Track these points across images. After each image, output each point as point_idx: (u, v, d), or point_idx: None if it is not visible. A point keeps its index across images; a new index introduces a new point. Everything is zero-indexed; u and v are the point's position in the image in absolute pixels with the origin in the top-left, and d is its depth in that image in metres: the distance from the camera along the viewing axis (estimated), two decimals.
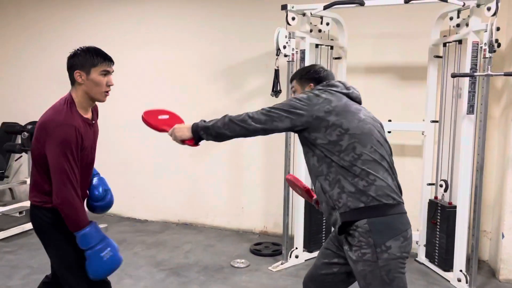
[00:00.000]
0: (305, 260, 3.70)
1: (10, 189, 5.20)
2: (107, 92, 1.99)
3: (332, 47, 3.86)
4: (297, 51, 3.56)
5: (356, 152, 1.73)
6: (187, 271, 3.49)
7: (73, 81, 1.96)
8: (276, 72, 3.54)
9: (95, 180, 2.29)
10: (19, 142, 4.96)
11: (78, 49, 1.96)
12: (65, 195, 1.88)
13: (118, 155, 5.00)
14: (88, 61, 1.91)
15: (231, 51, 4.49)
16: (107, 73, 1.96)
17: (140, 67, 4.85)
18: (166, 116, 2.10)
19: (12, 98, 5.43)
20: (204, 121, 1.92)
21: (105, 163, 5.04)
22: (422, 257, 3.73)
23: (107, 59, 1.96)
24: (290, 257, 3.64)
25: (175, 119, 2.13)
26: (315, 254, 3.77)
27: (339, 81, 1.96)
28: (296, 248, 3.67)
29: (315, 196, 2.14)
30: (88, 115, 2.04)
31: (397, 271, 1.71)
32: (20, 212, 4.52)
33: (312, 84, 1.98)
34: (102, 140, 5.60)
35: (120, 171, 5.01)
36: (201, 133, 1.89)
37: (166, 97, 4.78)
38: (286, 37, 3.44)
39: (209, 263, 3.67)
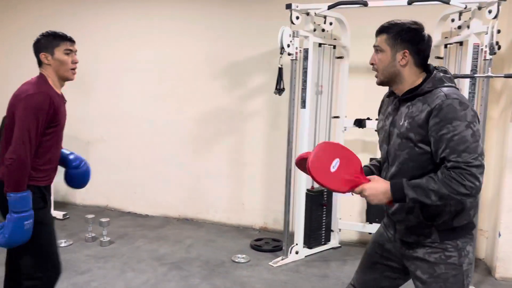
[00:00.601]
0: (305, 256, 3.75)
1: None
2: (73, 69, 2.12)
3: (334, 47, 3.91)
4: (300, 50, 3.60)
5: None
6: (189, 265, 3.54)
7: (40, 63, 2.11)
8: (280, 70, 3.59)
9: (67, 151, 2.32)
10: None
11: (39, 35, 2.12)
12: (22, 153, 1.92)
13: (120, 150, 5.04)
14: (50, 42, 2.07)
15: (235, 49, 4.53)
16: (70, 52, 2.10)
17: (143, 64, 4.87)
18: (337, 162, 1.59)
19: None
20: (410, 183, 1.51)
21: (107, 159, 5.11)
22: None
23: (67, 39, 2.11)
24: (291, 253, 3.69)
25: (349, 163, 1.62)
26: (315, 250, 3.85)
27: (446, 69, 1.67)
28: (297, 244, 3.73)
29: None
30: (60, 91, 2.16)
31: (470, 276, 1.69)
32: None
33: (407, 51, 1.59)
34: (104, 136, 5.67)
35: (122, 166, 5.05)
36: (407, 201, 1.53)
37: (169, 94, 4.82)
38: (290, 36, 3.48)
39: (211, 257, 3.72)
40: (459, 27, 3.46)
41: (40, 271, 2.07)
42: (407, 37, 1.60)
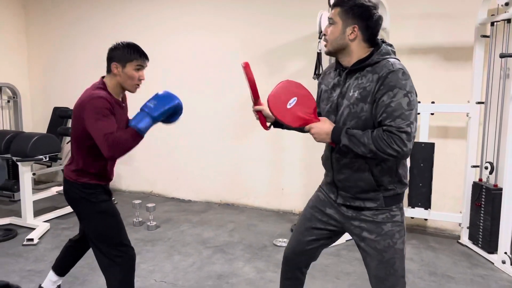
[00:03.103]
0: (346, 240, 3.77)
1: (63, 170, 5.52)
2: (138, 85, 2.19)
3: None
4: None
5: None
6: (232, 249, 3.65)
7: (109, 70, 2.16)
8: (319, 55, 3.57)
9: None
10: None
11: (119, 43, 2.15)
12: (111, 147, 1.96)
13: (163, 139, 5.20)
14: (125, 56, 2.11)
15: (272, 35, 4.53)
16: (140, 68, 2.16)
17: (182, 52, 4.97)
18: (294, 100, 1.74)
19: (63, 84, 5.71)
20: (348, 131, 1.65)
21: (150, 147, 5.28)
22: (465, 239, 3.73)
23: (143, 56, 2.16)
24: None
25: (305, 102, 1.75)
26: None
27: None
28: None
29: (261, 105, 2.01)
30: (119, 98, 2.24)
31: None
32: None
33: (356, 26, 1.67)
34: None
35: (166, 154, 5.21)
36: (341, 146, 1.68)
37: (208, 81, 4.90)
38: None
39: (253, 241, 3.81)
40: (507, 4, 3.31)
41: (117, 255, 2.24)
42: (358, 13, 1.66)
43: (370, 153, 1.61)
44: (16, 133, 4.44)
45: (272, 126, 2.07)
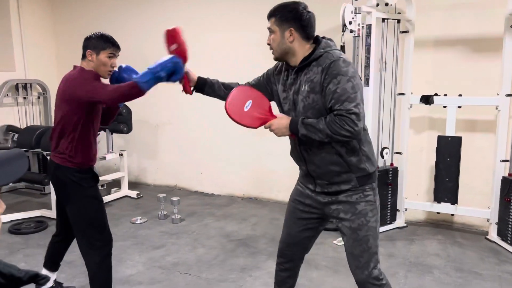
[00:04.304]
0: None
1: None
2: (110, 71, 2.36)
3: (399, 21, 3.77)
4: (363, 26, 3.52)
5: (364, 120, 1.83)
6: (255, 242, 3.67)
7: (83, 57, 2.36)
8: (342, 48, 3.53)
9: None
10: None
11: (94, 34, 2.37)
12: (111, 92, 2.10)
13: (186, 133, 5.26)
14: (100, 45, 2.32)
15: None
16: (112, 56, 2.35)
17: (205, 48, 5.00)
18: (249, 103, 1.89)
19: None
20: (304, 121, 1.79)
21: (174, 141, 5.36)
22: (493, 235, 3.64)
23: (115, 46, 2.37)
24: None
25: (260, 103, 1.90)
26: (381, 229, 3.79)
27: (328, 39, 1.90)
28: None
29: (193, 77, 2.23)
30: None
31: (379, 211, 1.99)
32: (102, 186, 4.92)
33: (292, 29, 1.83)
34: (172, 119, 5.90)
35: (189, 148, 5.27)
36: (300, 135, 1.82)
37: (230, 76, 4.91)
38: (352, 12, 3.41)
39: (276, 235, 3.83)
40: None
41: (99, 239, 2.34)
42: (290, 17, 1.83)
43: (327, 138, 1.74)
44: (46, 128, 4.57)
45: (194, 91, 2.26)
